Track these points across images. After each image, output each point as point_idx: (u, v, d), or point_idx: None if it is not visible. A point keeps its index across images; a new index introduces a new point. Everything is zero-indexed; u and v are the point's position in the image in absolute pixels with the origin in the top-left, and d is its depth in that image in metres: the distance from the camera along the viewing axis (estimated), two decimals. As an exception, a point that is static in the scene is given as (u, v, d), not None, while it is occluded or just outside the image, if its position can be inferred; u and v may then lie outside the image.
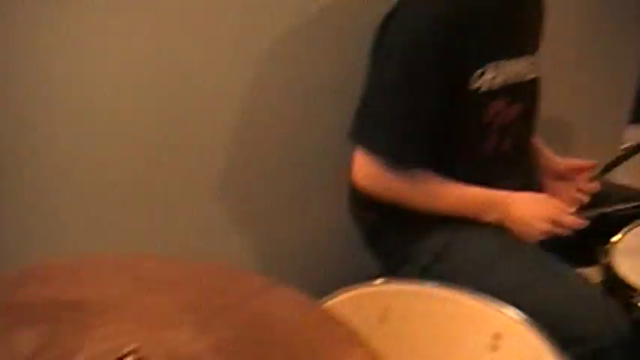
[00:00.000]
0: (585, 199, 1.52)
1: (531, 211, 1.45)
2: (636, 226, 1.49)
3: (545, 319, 1.18)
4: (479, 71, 1.39)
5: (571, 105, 2.17)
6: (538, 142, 1.68)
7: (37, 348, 0.72)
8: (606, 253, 1.42)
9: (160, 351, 0.69)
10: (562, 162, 1.67)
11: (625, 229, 1.47)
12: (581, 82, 2.19)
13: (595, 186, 1.55)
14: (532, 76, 1.52)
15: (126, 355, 0.66)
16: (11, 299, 0.80)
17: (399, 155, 1.40)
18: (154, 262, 0.86)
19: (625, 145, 2.85)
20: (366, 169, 1.43)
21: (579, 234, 1.48)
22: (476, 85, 1.39)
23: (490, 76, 1.40)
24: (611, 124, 2.46)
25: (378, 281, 1.24)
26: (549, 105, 1.65)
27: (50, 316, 0.77)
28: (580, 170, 1.61)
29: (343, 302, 1.18)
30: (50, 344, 0.73)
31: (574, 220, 1.45)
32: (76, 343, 0.72)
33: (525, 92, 1.51)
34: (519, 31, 1.49)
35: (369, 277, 1.25)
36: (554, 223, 1.44)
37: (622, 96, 2.44)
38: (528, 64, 1.50)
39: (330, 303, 1.17)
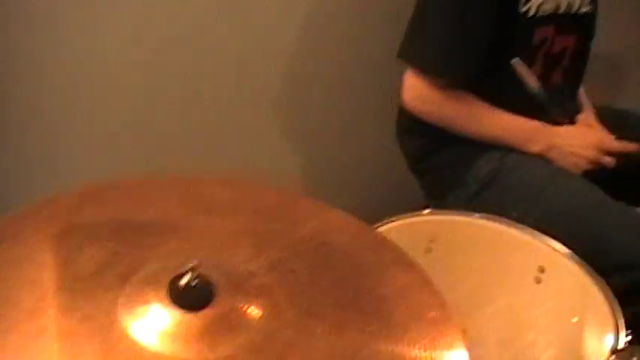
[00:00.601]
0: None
1: (576, 140, 1.45)
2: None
3: (591, 246, 1.19)
4: None
5: (621, 42, 2.12)
6: (583, 97, 1.64)
7: (101, 265, 0.75)
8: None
9: (217, 269, 0.72)
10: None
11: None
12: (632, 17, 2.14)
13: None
14: (587, 9, 1.48)
15: (186, 272, 0.68)
16: (73, 221, 0.83)
17: (446, 71, 1.40)
18: (211, 184, 0.88)
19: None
20: (414, 90, 1.43)
21: (625, 172, 1.47)
22: (524, 8, 1.37)
23: (539, 1, 1.38)
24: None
25: (425, 211, 1.25)
26: (599, 40, 1.62)
27: (112, 236, 0.80)
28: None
29: (389, 231, 1.20)
30: (113, 262, 0.76)
31: (621, 145, 1.44)
32: (138, 261, 0.75)
33: (578, 24, 1.48)
34: None
35: (415, 206, 1.26)
36: (600, 150, 1.44)
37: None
38: (584, -5, 1.47)
39: (377, 232, 1.18)
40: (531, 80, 1.41)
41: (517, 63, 1.39)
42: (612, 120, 1.59)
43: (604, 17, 1.60)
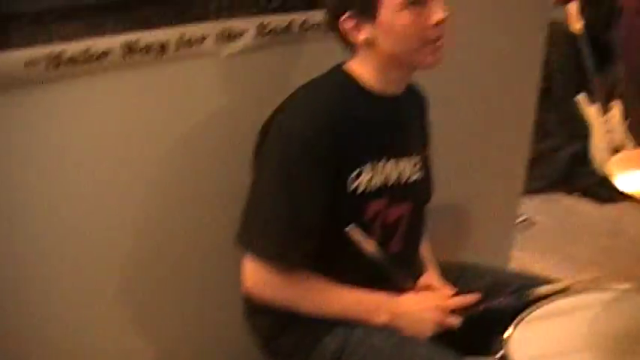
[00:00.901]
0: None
1: (419, 306, 1.47)
2: (529, 315, 1.50)
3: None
4: (355, 173, 1.42)
5: (463, 183, 2.21)
6: (427, 255, 1.68)
7: None
8: (501, 344, 1.43)
9: None
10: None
11: (518, 319, 1.48)
12: (473, 158, 2.24)
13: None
14: (417, 176, 1.55)
15: None
16: None
17: (283, 257, 1.41)
18: None
19: (521, 219, 2.95)
20: (254, 276, 1.43)
21: (472, 325, 1.50)
22: (353, 186, 1.42)
23: (367, 178, 1.44)
24: (506, 198, 2.52)
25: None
26: (442, 185, 1.68)
27: None
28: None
29: None
30: None
31: (460, 301, 1.47)
32: None
33: (410, 192, 1.53)
34: (397, 134, 1.53)
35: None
36: (443, 311, 1.46)
37: (515, 169, 2.51)
38: (411, 165, 1.53)
39: None
40: (369, 247, 1.44)
41: (352, 231, 1.42)
42: (454, 274, 1.63)
43: (441, 173, 1.67)
